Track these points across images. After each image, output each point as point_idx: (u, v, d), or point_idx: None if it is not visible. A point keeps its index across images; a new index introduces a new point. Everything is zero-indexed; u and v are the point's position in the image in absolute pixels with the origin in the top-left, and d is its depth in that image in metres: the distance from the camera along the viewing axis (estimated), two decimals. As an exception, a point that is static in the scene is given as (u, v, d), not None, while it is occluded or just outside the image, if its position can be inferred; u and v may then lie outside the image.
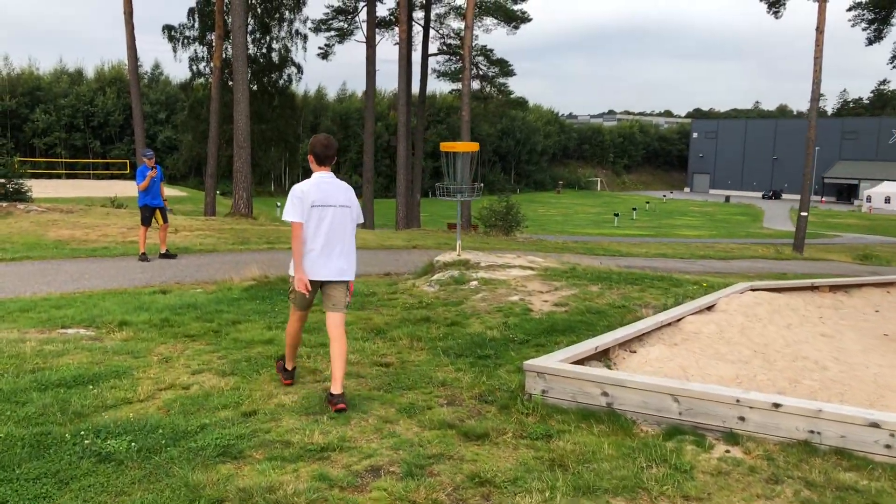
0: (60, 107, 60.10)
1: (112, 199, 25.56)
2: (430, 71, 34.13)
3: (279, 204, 38.20)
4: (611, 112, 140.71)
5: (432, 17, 34.62)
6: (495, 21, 32.11)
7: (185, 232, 15.92)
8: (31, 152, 58.40)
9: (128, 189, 53.05)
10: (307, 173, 5.02)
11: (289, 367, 5.14)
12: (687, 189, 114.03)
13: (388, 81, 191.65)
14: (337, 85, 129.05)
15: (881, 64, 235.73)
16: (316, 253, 4.72)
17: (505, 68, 32.32)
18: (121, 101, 61.89)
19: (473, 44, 28.89)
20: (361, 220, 5.00)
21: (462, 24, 29.56)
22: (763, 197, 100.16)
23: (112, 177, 59.23)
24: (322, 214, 4.71)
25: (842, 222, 66.34)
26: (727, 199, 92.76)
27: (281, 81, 31.76)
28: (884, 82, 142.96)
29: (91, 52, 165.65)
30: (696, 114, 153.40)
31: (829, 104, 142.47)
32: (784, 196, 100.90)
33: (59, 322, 6.90)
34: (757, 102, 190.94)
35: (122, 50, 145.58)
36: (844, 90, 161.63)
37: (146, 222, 12.14)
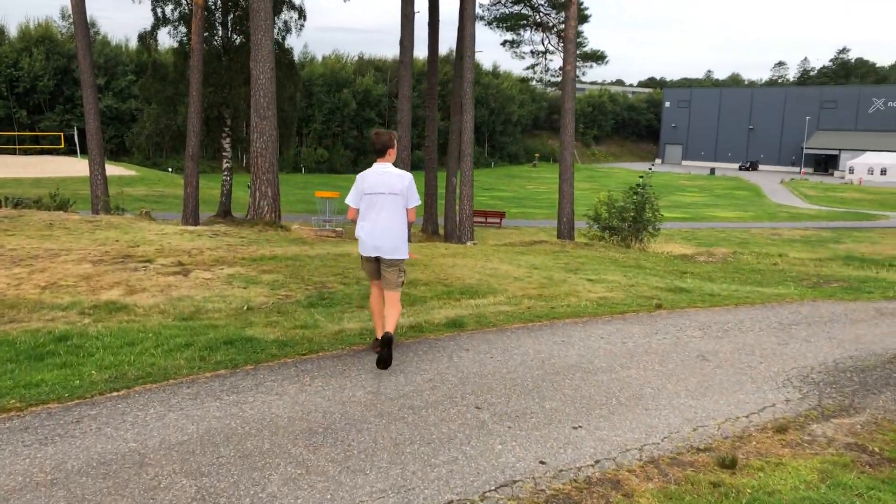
0: (-23, 70, 50.91)
1: (53, 194, 17.44)
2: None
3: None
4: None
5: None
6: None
7: (200, 271, 8.79)
8: (-57, 124, 49.38)
9: (62, 168, 44.58)
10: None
11: (378, 334, 5.37)
12: (658, 160, 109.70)
13: (352, 43, 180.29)
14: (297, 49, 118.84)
15: (838, 32, 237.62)
16: (366, 233, 5.21)
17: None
18: (51, 63, 52.98)
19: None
20: (417, 202, 5.33)
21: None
22: (740, 168, 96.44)
23: (42, 152, 50.65)
24: (372, 201, 5.21)
25: (846, 196, 62.43)
26: (712, 171, 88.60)
27: (274, 31, 24.07)
28: (843, 50, 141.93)
29: (10, 7, 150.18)
30: (650, 83, 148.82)
31: (791, 73, 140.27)
32: (761, 167, 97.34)
33: None
34: (709, 71, 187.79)
35: (48, 9, 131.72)
36: (805, 58, 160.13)
37: None
